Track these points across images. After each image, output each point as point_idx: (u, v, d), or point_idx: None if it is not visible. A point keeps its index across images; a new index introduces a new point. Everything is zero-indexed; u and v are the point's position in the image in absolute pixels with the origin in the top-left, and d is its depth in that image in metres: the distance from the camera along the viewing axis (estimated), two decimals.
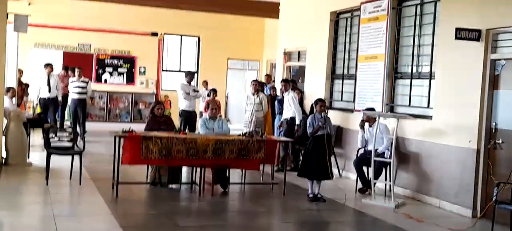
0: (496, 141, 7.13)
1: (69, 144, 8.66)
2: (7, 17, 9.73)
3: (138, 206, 7.47)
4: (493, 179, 7.05)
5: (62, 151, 8.53)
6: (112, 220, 6.33)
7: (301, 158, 9.55)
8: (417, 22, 8.85)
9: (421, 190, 8.26)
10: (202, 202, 7.71)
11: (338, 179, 9.60)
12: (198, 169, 8.02)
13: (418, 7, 8.83)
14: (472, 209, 7.34)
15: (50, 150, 8.27)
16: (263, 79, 16.24)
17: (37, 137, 12.30)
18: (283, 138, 9.65)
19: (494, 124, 7.21)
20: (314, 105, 8.29)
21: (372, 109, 8.78)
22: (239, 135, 8.39)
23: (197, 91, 12.79)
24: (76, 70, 13.41)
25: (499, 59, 7.20)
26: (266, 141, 8.18)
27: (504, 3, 7.05)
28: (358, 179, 8.66)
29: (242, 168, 8.42)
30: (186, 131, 11.32)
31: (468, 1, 7.63)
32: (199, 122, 9.08)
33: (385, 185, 8.40)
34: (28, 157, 9.79)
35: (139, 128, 8.73)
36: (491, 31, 7.24)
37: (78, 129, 12.82)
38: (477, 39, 7.27)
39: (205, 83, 15.44)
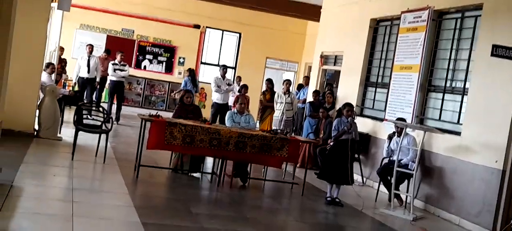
0: None
1: (98, 123, 8.88)
2: None
3: (155, 189, 7.56)
4: None
5: (90, 128, 8.73)
6: (127, 199, 6.43)
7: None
8: (456, 36, 8.65)
9: (441, 205, 8.07)
10: (220, 192, 7.75)
11: (361, 186, 9.48)
12: (220, 160, 8.07)
13: (458, 20, 8.64)
14: (491, 230, 7.13)
15: (79, 126, 8.48)
16: (301, 81, 16.25)
17: (72, 114, 12.59)
18: (306, 139, 9.59)
19: None
20: (342, 109, 8.23)
21: (403, 120, 8.63)
22: (263, 131, 8.40)
23: (231, 85, 12.87)
24: (119, 54, 13.66)
25: None
26: (289, 140, 8.15)
27: None
28: (379, 188, 8.53)
29: (262, 163, 8.41)
30: (217, 122, 11.42)
31: (509, 18, 7.40)
32: (227, 115, 9.14)
33: (406, 197, 8.25)
34: (60, 132, 10.06)
35: (170, 116, 8.83)
36: None
37: (113, 110, 13.05)
38: None
39: (239, 78, 15.55)
